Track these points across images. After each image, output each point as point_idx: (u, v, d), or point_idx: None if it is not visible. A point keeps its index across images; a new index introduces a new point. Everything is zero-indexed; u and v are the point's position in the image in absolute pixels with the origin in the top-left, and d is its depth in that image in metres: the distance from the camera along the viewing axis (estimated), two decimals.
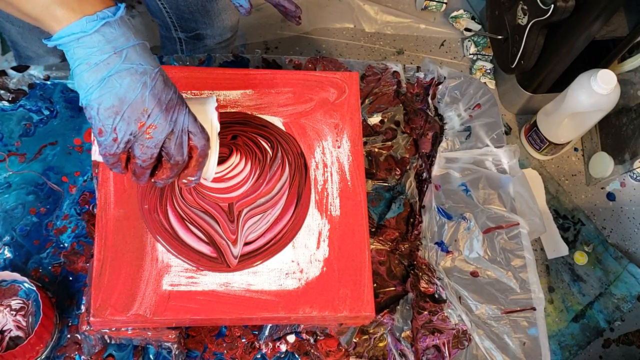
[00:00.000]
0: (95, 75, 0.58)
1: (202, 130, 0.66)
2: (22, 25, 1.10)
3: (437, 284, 0.91)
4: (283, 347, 0.85)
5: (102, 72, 0.58)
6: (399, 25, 1.94)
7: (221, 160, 0.81)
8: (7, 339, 0.78)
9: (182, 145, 0.64)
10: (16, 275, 0.79)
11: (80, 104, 0.60)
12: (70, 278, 0.84)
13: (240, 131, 0.84)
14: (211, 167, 0.70)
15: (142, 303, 0.75)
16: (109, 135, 0.60)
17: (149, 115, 0.60)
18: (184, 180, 0.68)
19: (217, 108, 0.70)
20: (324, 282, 0.79)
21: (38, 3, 0.57)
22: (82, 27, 0.57)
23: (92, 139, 0.68)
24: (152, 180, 0.67)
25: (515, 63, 1.67)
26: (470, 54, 1.93)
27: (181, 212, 0.79)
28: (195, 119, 0.65)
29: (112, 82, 0.58)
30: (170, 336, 0.80)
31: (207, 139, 0.66)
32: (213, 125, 0.69)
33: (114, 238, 0.77)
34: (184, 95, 0.67)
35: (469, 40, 1.93)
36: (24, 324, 0.79)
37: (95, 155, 0.68)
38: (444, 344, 0.88)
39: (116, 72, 0.58)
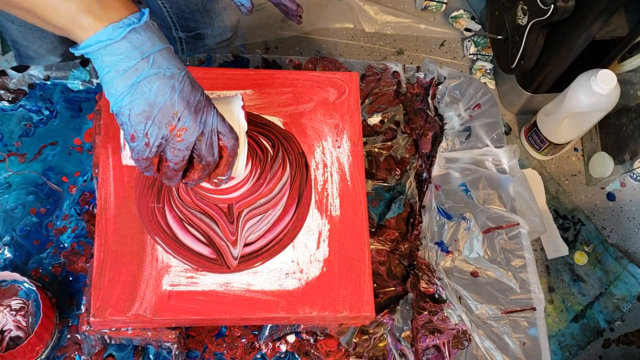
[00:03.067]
0: (125, 81, 0.59)
1: (231, 130, 0.66)
2: (23, 25, 1.10)
3: (437, 284, 0.91)
4: (283, 347, 0.85)
5: (132, 78, 0.59)
6: (399, 25, 1.94)
7: None
8: (7, 339, 0.78)
9: (212, 145, 0.64)
10: (16, 275, 0.79)
11: (110, 111, 0.61)
12: (70, 278, 0.84)
13: None
14: (240, 165, 0.71)
15: (142, 303, 0.75)
16: (142, 140, 0.61)
17: (179, 118, 0.61)
18: (215, 180, 0.69)
19: (243, 107, 0.71)
20: (324, 282, 0.79)
21: (63, 13, 0.57)
22: (109, 35, 0.58)
23: (122, 144, 0.69)
24: (183, 181, 0.68)
25: (515, 63, 1.67)
26: (470, 54, 1.93)
27: (179, 214, 0.79)
28: (223, 119, 0.65)
29: (141, 88, 0.59)
30: (170, 336, 0.80)
31: (236, 138, 0.67)
32: (240, 124, 0.70)
33: (114, 238, 0.77)
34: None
35: (469, 40, 1.93)
36: (24, 324, 0.79)
37: (126, 159, 0.69)
38: (444, 344, 0.88)
39: (145, 77, 0.59)
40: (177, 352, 0.81)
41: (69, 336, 0.82)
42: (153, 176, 0.67)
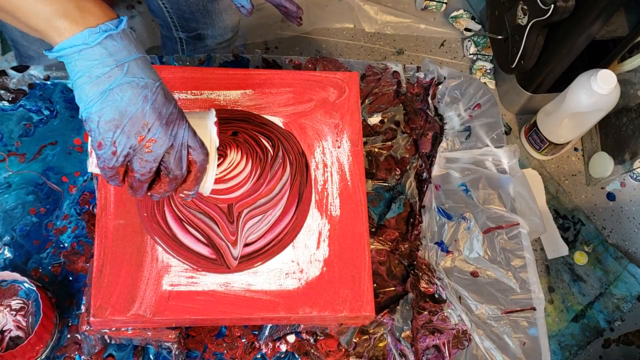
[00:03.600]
0: (97, 88, 0.58)
1: (202, 145, 0.65)
2: None
3: (437, 284, 0.91)
4: (283, 347, 0.85)
5: (104, 85, 0.58)
6: (399, 25, 1.94)
7: (221, 158, 0.81)
8: (7, 339, 0.78)
9: (181, 159, 0.63)
10: (16, 275, 0.79)
11: (80, 117, 0.60)
12: (70, 278, 0.84)
13: (241, 128, 0.84)
14: (209, 182, 0.70)
15: (142, 303, 0.75)
16: (108, 149, 0.60)
17: (149, 129, 0.60)
18: (182, 195, 0.68)
19: (216, 123, 0.69)
20: (324, 282, 0.79)
21: (40, 15, 0.57)
22: (84, 39, 0.57)
23: (89, 151, 0.68)
24: (149, 193, 0.66)
25: (515, 63, 1.67)
26: (470, 54, 1.93)
27: (179, 214, 0.79)
28: (194, 133, 0.64)
29: (113, 96, 0.58)
30: (170, 336, 0.80)
31: (206, 154, 0.66)
32: (212, 140, 0.69)
33: (114, 238, 0.77)
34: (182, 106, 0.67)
35: (469, 40, 1.93)
36: (24, 324, 0.79)
37: (92, 167, 0.67)
38: (444, 344, 0.88)
39: (117, 85, 0.58)
40: (177, 352, 0.81)
41: (69, 336, 0.82)
42: (118, 186, 0.66)
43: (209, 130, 0.69)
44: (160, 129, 0.60)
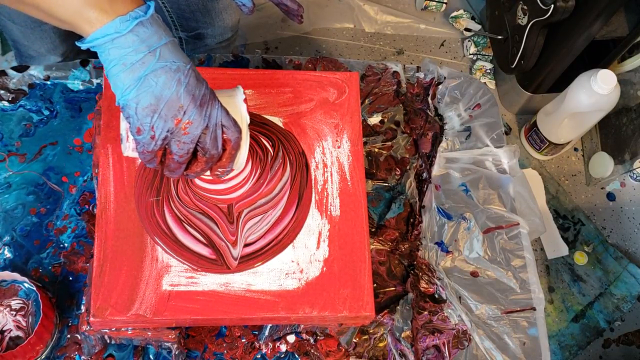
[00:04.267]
0: (132, 75, 0.59)
1: (235, 123, 0.67)
2: (24, 24, 1.10)
3: (437, 284, 0.91)
4: (283, 347, 0.85)
5: (139, 72, 0.59)
6: (399, 25, 1.94)
7: None
8: (7, 339, 0.78)
9: (216, 139, 0.65)
10: (16, 275, 0.79)
11: (117, 104, 0.61)
12: (70, 278, 0.84)
13: None
14: (242, 158, 0.71)
15: (142, 303, 0.75)
16: (147, 134, 0.61)
17: (184, 112, 0.61)
18: (217, 172, 0.70)
19: (245, 100, 0.71)
20: (324, 282, 0.79)
21: (69, 6, 0.57)
22: (116, 28, 0.57)
23: (123, 136, 0.69)
24: (185, 173, 0.68)
25: (515, 63, 1.67)
26: (470, 54, 1.93)
27: (178, 214, 0.79)
28: (227, 112, 0.66)
29: (148, 81, 0.59)
30: (170, 336, 0.80)
31: (240, 132, 0.67)
32: (243, 117, 0.70)
33: (114, 238, 0.77)
34: None
35: (469, 40, 1.93)
36: (24, 324, 0.79)
37: (128, 151, 0.69)
38: (444, 344, 0.88)
39: (152, 70, 0.59)
40: (177, 352, 0.81)
41: (69, 336, 0.82)
42: (155, 169, 0.67)
43: (238, 108, 0.71)
44: (195, 111, 0.61)
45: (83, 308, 0.80)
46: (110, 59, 0.59)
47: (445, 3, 1.95)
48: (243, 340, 0.84)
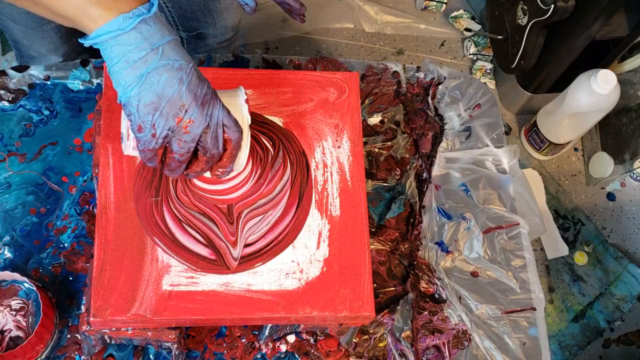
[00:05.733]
0: (134, 72, 0.59)
1: (236, 123, 0.67)
2: (25, 24, 1.10)
3: (437, 284, 0.91)
4: (283, 347, 0.85)
5: (141, 69, 0.59)
6: (399, 25, 1.94)
7: None
8: (7, 339, 0.78)
9: (217, 138, 0.65)
10: (16, 275, 0.79)
11: (118, 101, 0.61)
12: (70, 278, 0.84)
13: None
14: (242, 158, 0.71)
15: (142, 303, 0.75)
16: (149, 131, 0.61)
17: (186, 111, 0.61)
18: (217, 172, 0.69)
19: (246, 100, 0.71)
20: (324, 282, 0.79)
21: (73, 3, 0.57)
22: (119, 25, 0.58)
23: (123, 134, 0.69)
24: (185, 172, 0.68)
25: (515, 63, 1.67)
26: (470, 54, 1.93)
27: (178, 214, 0.79)
28: (228, 112, 0.66)
29: (150, 79, 0.59)
30: (170, 336, 0.80)
31: (241, 132, 0.67)
32: (244, 117, 0.70)
33: (114, 238, 0.77)
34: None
35: (469, 40, 1.93)
36: (24, 324, 0.79)
37: (129, 150, 0.69)
38: (444, 344, 0.88)
39: (154, 68, 0.59)
40: (177, 352, 0.81)
41: (69, 336, 0.82)
42: (154, 169, 0.67)
43: (240, 108, 0.70)
44: (197, 110, 0.61)
45: (83, 308, 0.80)
46: (113, 56, 0.59)
47: (445, 3, 1.95)
48: (243, 340, 0.84)
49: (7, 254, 0.85)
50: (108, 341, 0.81)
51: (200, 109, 0.62)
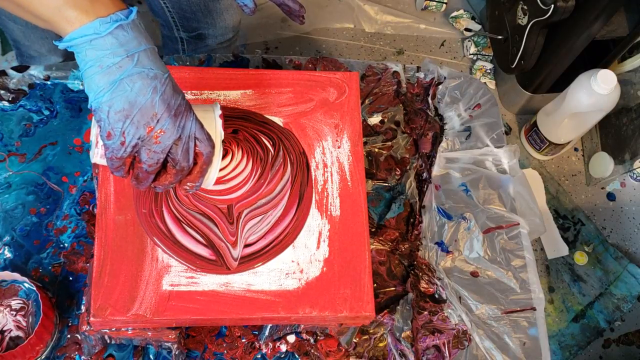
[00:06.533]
0: (107, 77, 0.58)
1: (209, 137, 0.65)
2: (25, 24, 1.10)
3: (437, 284, 0.91)
4: (283, 347, 0.85)
5: (114, 75, 0.58)
6: (399, 25, 1.94)
7: (228, 155, 0.81)
8: (7, 339, 0.78)
9: (188, 151, 0.64)
10: (16, 275, 0.79)
11: (89, 106, 0.60)
12: (70, 278, 0.84)
13: (241, 126, 0.84)
14: (212, 175, 0.70)
15: (142, 303, 0.75)
16: (117, 139, 0.60)
17: (158, 120, 0.60)
18: (185, 187, 0.68)
19: (221, 115, 0.70)
20: (324, 282, 0.79)
21: (50, 5, 0.57)
22: (95, 29, 0.57)
23: (92, 141, 0.68)
24: (153, 185, 0.67)
25: (515, 63, 1.67)
26: (470, 54, 1.93)
27: (177, 214, 0.79)
28: (202, 125, 0.65)
29: (123, 86, 0.58)
30: (170, 336, 0.80)
31: (213, 146, 0.66)
32: (218, 132, 0.69)
33: (114, 238, 0.77)
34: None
35: (469, 40, 1.93)
36: (24, 324, 0.79)
37: (96, 157, 0.67)
38: (444, 344, 0.88)
39: (128, 75, 0.58)
40: (177, 352, 0.81)
41: (69, 336, 0.82)
42: (122, 177, 0.65)
43: (214, 123, 0.69)
44: (169, 120, 0.60)
45: (83, 308, 0.80)
46: (87, 60, 0.58)
47: (446, 3, 1.95)
48: (243, 340, 0.84)
49: (7, 254, 0.85)
50: (108, 341, 0.81)
51: (173, 120, 0.61)
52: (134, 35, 0.59)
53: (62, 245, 0.86)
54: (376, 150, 0.98)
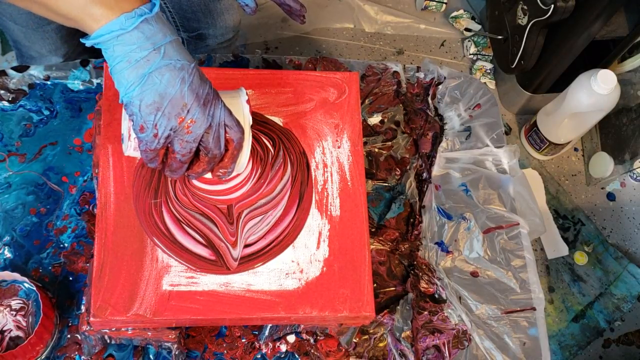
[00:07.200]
0: (136, 72, 0.59)
1: (237, 123, 0.67)
2: (25, 25, 1.10)
3: (437, 284, 0.91)
4: (283, 347, 0.85)
5: (143, 69, 0.59)
6: (399, 25, 1.94)
7: None
8: (7, 339, 0.78)
9: (219, 138, 0.65)
10: (16, 275, 0.79)
11: (120, 101, 0.61)
12: (70, 278, 0.84)
13: None
14: (243, 160, 0.71)
15: (142, 303, 0.75)
16: (150, 132, 0.61)
17: (188, 111, 0.61)
18: (218, 173, 0.69)
19: (248, 101, 0.71)
20: (324, 282, 0.79)
21: (75, 3, 0.57)
22: (121, 25, 0.58)
23: (124, 135, 0.69)
24: (187, 173, 0.68)
25: (515, 63, 1.67)
26: (470, 54, 1.93)
27: (177, 214, 0.79)
28: (230, 112, 0.66)
29: (152, 79, 0.59)
30: (170, 336, 0.80)
31: (242, 132, 0.67)
32: (246, 118, 0.70)
33: (114, 238, 0.77)
34: None
35: (469, 40, 1.93)
36: (24, 324, 0.79)
37: (129, 150, 0.69)
38: (444, 344, 0.88)
39: (156, 68, 0.59)
40: (177, 352, 0.81)
41: (69, 336, 0.82)
42: (156, 168, 0.67)
43: (242, 108, 0.70)
44: (199, 110, 0.61)
45: (83, 308, 0.80)
46: (115, 56, 0.59)
47: (445, 3, 1.95)
48: (243, 340, 0.84)
49: (7, 254, 0.85)
50: (108, 341, 0.81)
51: (202, 109, 0.62)
52: (159, 27, 0.59)
53: (62, 245, 0.86)
54: (376, 150, 0.98)
